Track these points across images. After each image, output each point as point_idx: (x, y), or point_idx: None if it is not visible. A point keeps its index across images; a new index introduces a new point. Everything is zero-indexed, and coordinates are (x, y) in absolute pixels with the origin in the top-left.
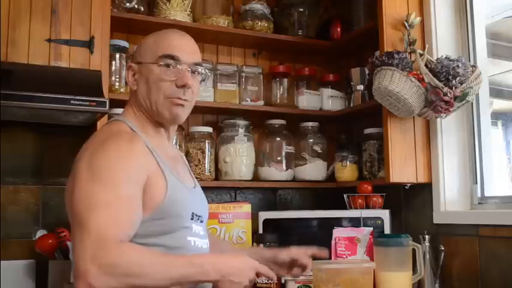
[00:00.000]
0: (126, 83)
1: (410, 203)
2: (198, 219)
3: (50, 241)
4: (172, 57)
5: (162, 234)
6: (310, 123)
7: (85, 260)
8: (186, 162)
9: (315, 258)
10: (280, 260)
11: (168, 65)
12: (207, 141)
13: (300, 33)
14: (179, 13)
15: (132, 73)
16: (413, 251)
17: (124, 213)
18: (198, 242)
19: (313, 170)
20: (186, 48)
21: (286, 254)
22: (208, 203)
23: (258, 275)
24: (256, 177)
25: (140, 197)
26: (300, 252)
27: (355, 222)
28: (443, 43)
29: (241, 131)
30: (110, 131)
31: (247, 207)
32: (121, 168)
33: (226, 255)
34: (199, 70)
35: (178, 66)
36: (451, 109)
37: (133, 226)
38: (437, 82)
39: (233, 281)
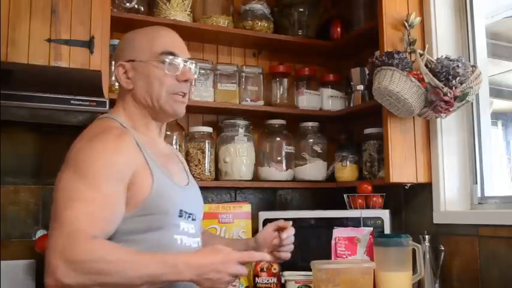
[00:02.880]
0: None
1: (410, 203)
2: (189, 217)
3: None
4: (172, 53)
5: (146, 231)
6: (310, 123)
7: (54, 254)
8: (182, 159)
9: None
10: (252, 247)
11: (168, 62)
12: (207, 141)
13: (300, 33)
14: (179, 13)
15: (123, 71)
16: (413, 251)
17: (101, 210)
18: (186, 240)
19: (313, 170)
20: (180, 44)
21: (254, 240)
22: (208, 203)
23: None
24: (256, 177)
25: (122, 194)
26: (266, 232)
27: (355, 222)
28: (443, 43)
29: (241, 131)
30: (100, 127)
31: (247, 207)
32: (104, 165)
33: (203, 253)
34: (194, 65)
35: (177, 62)
36: (451, 109)
37: (110, 223)
38: (437, 82)
39: (212, 279)
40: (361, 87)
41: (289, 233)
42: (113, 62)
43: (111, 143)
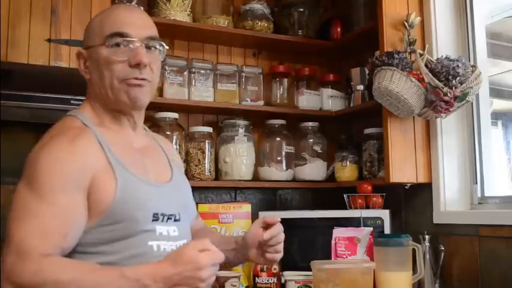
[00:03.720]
0: None
1: (410, 203)
2: (169, 218)
3: None
4: (120, 34)
5: (113, 241)
6: (310, 123)
7: (3, 275)
8: (169, 152)
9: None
10: (241, 245)
11: (117, 44)
12: (207, 141)
13: (300, 33)
14: (179, 13)
15: (83, 60)
16: (413, 251)
17: (55, 224)
18: (164, 245)
19: (313, 170)
20: (136, 22)
21: (242, 238)
22: (208, 203)
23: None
24: (256, 177)
25: (81, 203)
26: (254, 229)
27: (355, 222)
28: (443, 43)
29: (241, 131)
30: (57, 129)
31: (247, 207)
32: (57, 173)
33: (168, 261)
34: (156, 45)
35: (129, 44)
36: (451, 109)
37: (68, 238)
38: (437, 82)
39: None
40: (361, 87)
41: (273, 233)
42: None
43: (64, 148)
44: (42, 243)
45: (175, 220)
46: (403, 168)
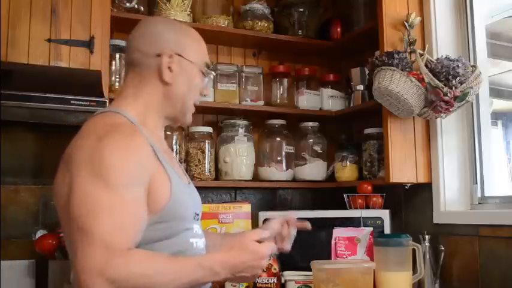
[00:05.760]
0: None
1: (410, 203)
2: (197, 217)
3: (50, 241)
4: (209, 67)
5: (165, 238)
6: (310, 123)
7: (91, 272)
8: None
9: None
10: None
11: (208, 74)
12: (207, 141)
13: (300, 33)
14: (179, 13)
15: (170, 61)
16: (413, 251)
17: (130, 219)
18: (198, 242)
19: (313, 170)
20: None
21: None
22: (208, 203)
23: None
24: (256, 177)
25: (145, 198)
26: (275, 224)
27: (355, 222)
28: (443, 43)
29: (241, 131)
30: (106, 124)
31: (247, 207)
32: (124, 168)
33: (233, 251)
34: None
35: (210, 76)
36: (451, 109)
37: (139, 231)
38: (437, 82)
39: (245, 276)
40: (361, 87)
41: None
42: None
43: (125, 144)
44: (124, 239)
45: (198, 219)
46: (403, 168)
